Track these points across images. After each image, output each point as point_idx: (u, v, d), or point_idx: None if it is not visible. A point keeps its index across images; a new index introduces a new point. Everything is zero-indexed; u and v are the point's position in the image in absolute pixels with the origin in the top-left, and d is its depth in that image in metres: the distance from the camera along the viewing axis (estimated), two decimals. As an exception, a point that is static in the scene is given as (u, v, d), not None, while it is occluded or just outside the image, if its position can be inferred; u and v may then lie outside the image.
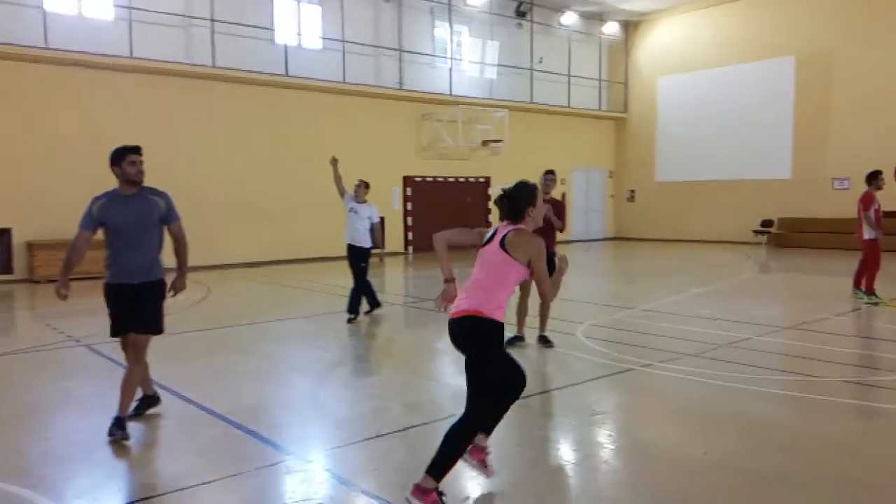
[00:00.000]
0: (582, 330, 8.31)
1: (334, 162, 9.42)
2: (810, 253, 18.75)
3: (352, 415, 5.32)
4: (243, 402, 5.57)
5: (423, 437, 4.67)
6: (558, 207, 7.64)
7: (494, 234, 3.89)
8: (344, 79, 18.71)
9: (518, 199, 3.88)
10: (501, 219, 3.90)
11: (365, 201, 9.42)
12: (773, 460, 4.21)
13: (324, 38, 18.63)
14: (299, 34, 18.25)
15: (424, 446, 4.49)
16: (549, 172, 7.67)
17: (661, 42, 24.79)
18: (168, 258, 4.92)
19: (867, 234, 10.05)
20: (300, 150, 17.80)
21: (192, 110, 16.41)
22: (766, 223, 21.60)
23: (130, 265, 4.70)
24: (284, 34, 17.92)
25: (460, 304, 3.74)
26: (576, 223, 25.17)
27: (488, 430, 3.94)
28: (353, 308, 9.15)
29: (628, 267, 18.15)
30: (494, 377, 3.69)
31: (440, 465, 3.51)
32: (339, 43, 18.69)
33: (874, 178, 10.10)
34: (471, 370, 3.68)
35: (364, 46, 19.32)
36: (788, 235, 20.88)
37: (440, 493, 3.48)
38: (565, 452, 4.50)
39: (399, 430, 4.77)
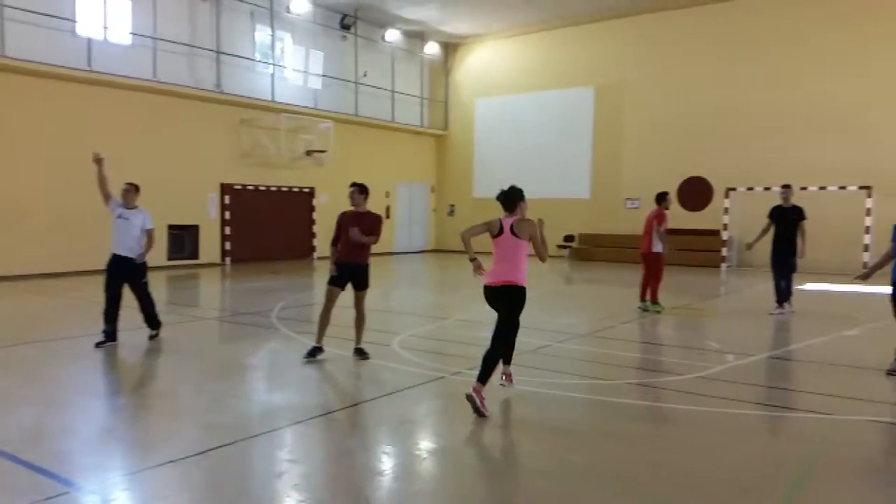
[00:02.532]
0: (398, 341, 8.44)
1: (98, 161, 8.23)
2: (606, 266, 20.54)
3: (145, 439, 4.97)
4: (20, 429, 5.01)
5: (224, 459, 4.48)
6: (368, 220, 7.39)
7: (502, 226, 5.72)
8: (155, 76, 17.59)
9: (512, 198, 5.83)
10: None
11: (136, 207, 8.35)
12: (568, 459, 4.55)
13: (133, 34, 17.41)
14: (105, 27, 16.89)
15: (224, 469, 4.33)
16: (353, 185, 7.47)
17: (478, 65, 26.07)
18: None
19: (657, 247, 11.14)
20: (104, 152, 16.34)
21: (-27, 102, 14.57)
22: (569, 238, 23.40)
23: None
24: (88, 26, 16.50)
25: (499, 277, 5.65)
26: (399, 235, 25.61)
27: (508, 361, 6.18)
28: (153, 323, 8.46)
29: (447, 278, 18.75)
30: (519, 313, 5.71)
31: (509, 355, 6.16)
32: (151, 39, 17.57)
33: (663, 198, 11.26)
34: (507, 311, 5.65)
35: (178, 45, 18.31)
36: (588, 250, 22.75)
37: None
38: (371, 464, 4.54)
39: (197, 454, 4.52)
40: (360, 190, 7.47)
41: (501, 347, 5.71)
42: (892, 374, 6.80)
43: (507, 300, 5.62)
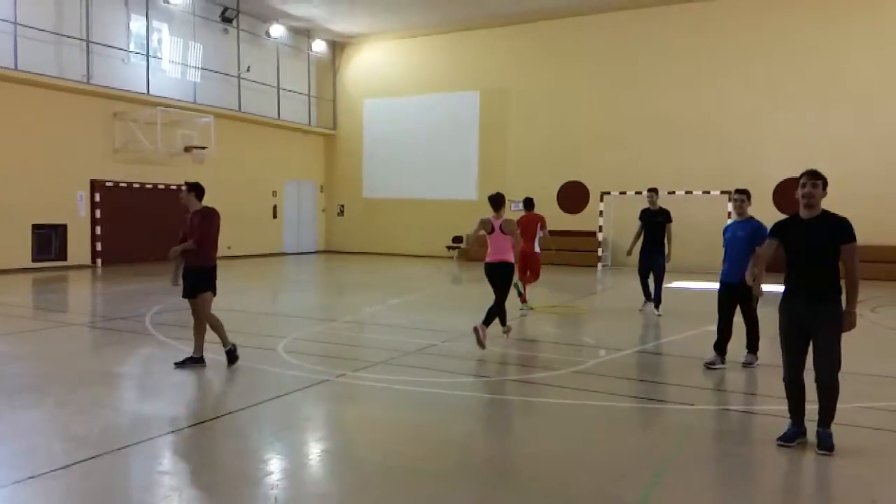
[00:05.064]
0: (283, 345, 8.28)
1: None
2: (495, 266, 21.02)
3: (0, 455, 4.62)
4: None
5: (90, 473, 4.24)
6: (193, 219, 6.99)
7: (492, 225, 8.29)
8: (16, 65, 16.31)
9: (499, 202, 8.48)
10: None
11: None
12: (449, 457, 4.64)
13: (-10, 18, 16.09)
14: (-46, 8, 15.48)
15: (90, 483, 4.10)
16: (184, 184, 7.15)
17: (367, 65, 26.00)
18: None
19: (537, 248, 11.60)
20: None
21: None
22: (457, 239, 23.77)
23: None
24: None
25: (495, 257, 8.29)
26: (287, 236, 25.09)
27: (488, 322, 8.11)
28: None
29: (336, 280, 18.56)
30: (510, 280, 8.39)
31: (489, 319, 8.08)
32: (11, 25, 16.27)
33: (533, 202, 11.85)
34: (500, 283, 8.28)
35: (43, 32, 17.06)
36: (476, 250, 23.11)
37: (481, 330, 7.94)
38: (249, 472, 4.42)
39: (59, 469, 4.24)
40: (189, 188, 7.05)
41: (503, 302, 8.27)
42: (708, 368, 7.31)
43: (501, 273, 8.27)
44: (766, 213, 7.80)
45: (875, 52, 18.40)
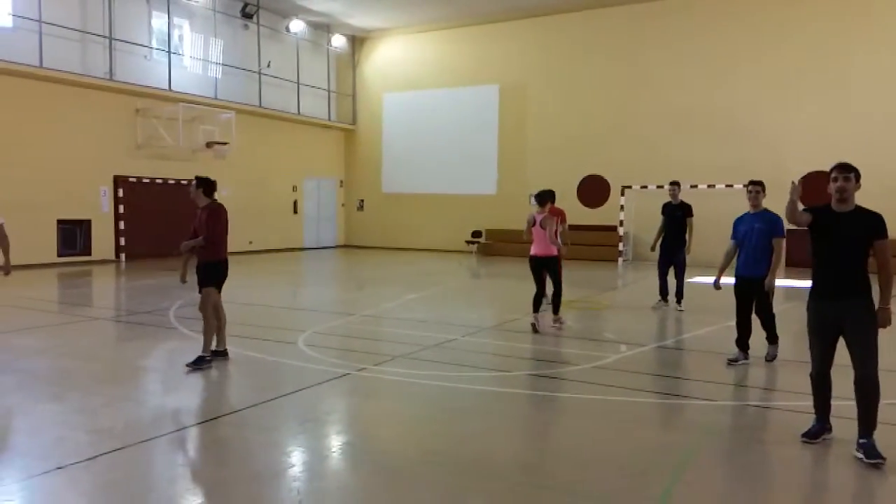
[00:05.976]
0: (304, 338, 8.33)
1: None
2: (512, 260, 20.96)
3: (29, 447, 4.70)
4: None
5: (115, 464, 4.31)
6: (200, 216, 6.99)
7: (535, 219, 9.03)
8: (41, 63, 16.53)
9: (543, 197, 9.19)
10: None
11: None
12: (468, 450, 4.65)
13: (15, 16, 16.28)
14: (-19, 7, 15.72)
15: (115, 475, 4.17)
16: (194, 178, 7.15)
17: (386, 60, 25.99)
18: None
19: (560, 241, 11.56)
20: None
21: None
22: (476, 234, 23.77)
23: None
24: (-38, 5, 15.31)
25: (538, 251, 9.08)
26: (307, 231, 25.24)
27: (557, 311, 9.26)
28: None
29: (356, 274, 18.63)
30: (560, 274, 9.19)
31: (557, 305, 9.27)
32: (36, 23, 16.50)
33: (554, 196, 11.69)
34: (549, 274, 9.17)
35: (67, 30, 17.28)
36: (494, 245, 23.16)
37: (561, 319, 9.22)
38: (272, 464, 4.46)
39: (85, 460, 4.33)
40: (198, 183, 7.02)
41: (559, 291, 9.22)
42: (731, 364, 7.22)
43: (546, 266, 9.12)
44: (790, 207, 7.66)
45: (903, 42, 18.04)
